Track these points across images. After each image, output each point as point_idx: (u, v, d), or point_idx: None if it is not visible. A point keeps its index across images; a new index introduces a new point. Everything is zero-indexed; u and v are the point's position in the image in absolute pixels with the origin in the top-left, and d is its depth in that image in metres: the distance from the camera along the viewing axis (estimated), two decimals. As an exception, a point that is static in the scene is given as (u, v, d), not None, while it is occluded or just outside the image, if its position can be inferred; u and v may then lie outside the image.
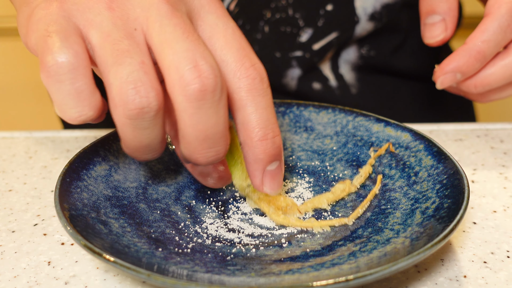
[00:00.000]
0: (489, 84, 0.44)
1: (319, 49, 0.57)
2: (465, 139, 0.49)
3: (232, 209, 0.39)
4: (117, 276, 0.34)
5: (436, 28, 0.45)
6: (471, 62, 0.42)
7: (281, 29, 0.56)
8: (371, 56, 0.60)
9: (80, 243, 0.30)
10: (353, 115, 0.44)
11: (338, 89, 0.59)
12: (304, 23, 0.56)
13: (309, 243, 0.35)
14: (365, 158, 0.42)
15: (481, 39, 0.42)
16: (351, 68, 0.60)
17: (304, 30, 0.56)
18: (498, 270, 0.34)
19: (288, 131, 0.45)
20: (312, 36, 0.57)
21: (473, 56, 0.42)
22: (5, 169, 0.46)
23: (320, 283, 0.27)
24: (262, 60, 0.56)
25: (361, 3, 0.56)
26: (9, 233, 0.38)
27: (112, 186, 0.38)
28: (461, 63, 0.42)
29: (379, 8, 0.57)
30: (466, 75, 0.43)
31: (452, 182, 0.35)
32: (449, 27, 0.45)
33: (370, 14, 0.57)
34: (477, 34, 0.42)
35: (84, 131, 0.52)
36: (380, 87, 0.61)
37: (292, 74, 0.58)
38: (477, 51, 0.42)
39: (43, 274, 0.34)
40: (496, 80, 0.44)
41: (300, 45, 0.57)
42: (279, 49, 0.57)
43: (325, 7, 0.56)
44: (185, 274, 0.30)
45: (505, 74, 0.43)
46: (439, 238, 0.30)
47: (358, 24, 0.57)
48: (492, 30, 0.42)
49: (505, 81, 0.44)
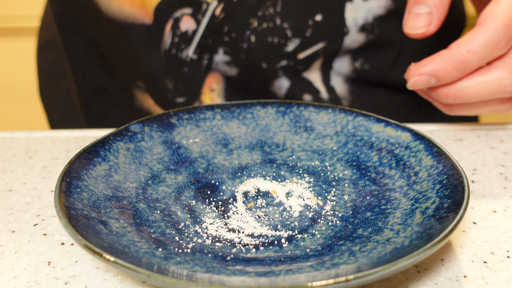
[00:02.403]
0: (461, 98, 0.41)
1: (303, 58, 0.55)
2: (465, 139, 0.49)
3: (232, 209, 0.39)
4: (117, 276, 0.34)
5: (420, 19, 0.42)
6: (450, 70, 0.40)
7: (268, 40, 0.54)
8: (365, 70, 0.58)
9: (80, 243, 0.30)
10: (353, 115, 0.44)
11: (329, 102, 0.58)
12: (292, 33, 0.54)
13: (309, 243, 0.35)
14: (365, 158, 0.42)
15: (467, 48, 0.39)
16: (344, 80, 0.58)
17: (291, 41, 0.54)
18: (498, 270, 0.34)
19: (288, 131, 0.45)
20: (299, 46, 0.55)
21: (453, 64, 0.40)
22: (5, 169, 0.46)
23: (320, 283, 0.27)
24: (247, 70, 0.56)
25: (352, 14, 0.54)
26: (9, 233, 0.38)
27: (112, 186, 0.38)
28: (439, 68, 0.40)
29: (371, 19, 0.55)
30: (441, 82, 0.41)
31: (452, 182, 0.35)
32: (434, 22, 0.41)
33: (361, 25, 0.55)
34: (464, 42, 0.40)
35: (84, 131, 0.52)
36: (373, 100, 0.60)
37: (279, 83, 0.57)
38: (460, 60, 0.39)
39: (43, 274, 0.34)
40: (470, 95, 0.41)
41: (285, 55, 0.55)
42: (265, 60, 0.55)
43: (314, 17, 0.54)
44: (185, 274, 0.30)
45: (481, 91, 0.41)
46: (439, 238, 0.30)
47: (347, 35, 0.55)
48: (481, 41, 0.39)
49: (479, 98, 0.41)
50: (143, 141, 0.42)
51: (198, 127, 0.44)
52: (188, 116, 0.44)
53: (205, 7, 0.54)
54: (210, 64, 0.56)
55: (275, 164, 0.43)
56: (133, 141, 0.41)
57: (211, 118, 0.45)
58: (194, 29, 0.55)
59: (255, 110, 0.45)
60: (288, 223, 0.37)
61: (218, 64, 0.56)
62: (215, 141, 0.44)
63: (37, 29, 0.73)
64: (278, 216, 0.38)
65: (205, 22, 0.54)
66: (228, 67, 0.56)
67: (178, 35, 0.56)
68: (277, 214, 0.38)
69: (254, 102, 0.46)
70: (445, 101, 0.42)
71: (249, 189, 0.41)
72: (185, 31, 0.55)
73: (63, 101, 0.68)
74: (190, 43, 0.56)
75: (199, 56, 0.56)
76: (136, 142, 0.41)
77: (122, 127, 0.42)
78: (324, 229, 0.37)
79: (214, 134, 0.44)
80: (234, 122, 0.45)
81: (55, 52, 0.69)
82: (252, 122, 0.45)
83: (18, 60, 1.30)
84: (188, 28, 0.55)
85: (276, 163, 0.43)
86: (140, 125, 0.42)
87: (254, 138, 0.45)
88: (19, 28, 1.27)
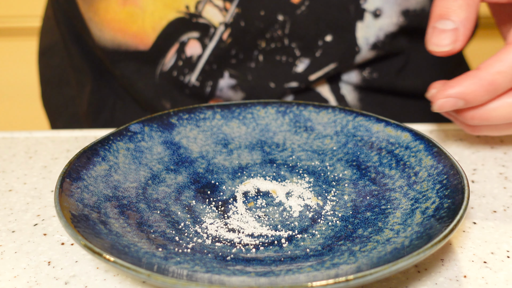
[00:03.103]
0: (488, 120, 0.39)
1: (315, 79, 0.55)
2: (465, 139, 0.49)
3: (232, 209, 0.39)
4: (117, 276, 0.34)
5: (445, 36, 0.38)
6: (479, 93, 0.37)
7: (277, 58, 0.54)
8: (374, 78, 0.57)
9: (80, 243, 0.30)
10: (353, 115, 0.44)
11: None
12: (300, 52, 0.53)
13: (309, 243, 0.35)
14: (365, 158, 0.42)
15: (497, 69, 0.37)
16: (353, 88, 0.57)
17: (300, 60, 0.53)
18: (498, 270, 0.34)
19: (288, 131, 0.45)
20: (309, 66, 0.54)
21: (484, 86, 0.37)
22: (5, 169, 0.46)
23: (320, 283, 0.27)
24: (255, 90, 0.55)
25: (363, 34, 0.53)
26: (9, 233, 0.38)
27: (112, 186, 0.38)
28: (468, 91, 0.37)
29: (383, 37, 0.54)
30: (469, 105, 0.38)
31: (452, 182, 0.35)
32: (460, 39, 0.38)
33: (373, 43, 0.54)
34: (494, 63, 0.37)
35: (84, 131, 0.52)
36: (383, 107, 0.59)
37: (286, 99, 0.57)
38: (490, 81, 0.37)
39: (43, 274, 0.34)
40: (497, 117, 0.39)
41: (296, 76, 0.54)
42: (274, 79, 0.55)
43: (324, 38, 0.53)
44: (185, 274, 0.30)
45: (509, 113, 0.39)
46: (439, 238, 0.30)
47: (358, 54, 0.54)
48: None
49: (506, 120, 0.39)
50: (143, 141, 0.42)
51: (198, 127, 0.44)
52: (188, 116, 0.44)
53: (213, 31, 0.53)
54: (213, 91, 0.56)
55: (275, 164, 0.43)
56: (133, 141, 0.41)
57: (211, 118, 0.45)
58: (200, 54, 0.54)
59: (255, 110, 0.45)
60: (288, 223, 0.37)
61: (223, 89, 0.56)
62: (215, 141, 0.44)
63: (38, 29, 0.73)
64: (278, 216, 0.38)
65: (212, 46, 0.54)
66: (234, 92, 0.56)
67: (182, 59, 0.55)
68: (277, 214, 0.38)
69: (254, 102, 0.46)
70: (471, 123, 0.40)
71: (249, 189, 0.41)
72: (190, 56, 0.55)
73: (66, 108, 0.66)
74: (194, 69, 0.55)
75: (202, 83, 0.56)
76: (136, 142, 0.41)
77: (122, 127, 0.42)
78: (324, 229, 0.37)
79: (214, 134, 0.44)
80: (234, 122, 0.45)
81: (57, 57, 0.67)
82: (252, 122, 0.45)
83: (19, 60, 1.30)
84: (193, 53, 0.55)
85: (276, 163, 0.43)
86: (140, 125, 0.42)
87: (254, 138, 0.45)
88: (19, 28, 1.27)
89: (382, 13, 0.53)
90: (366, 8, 0.53)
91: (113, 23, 0.55)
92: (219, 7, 0.52)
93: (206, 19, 0.53)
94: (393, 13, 0.53)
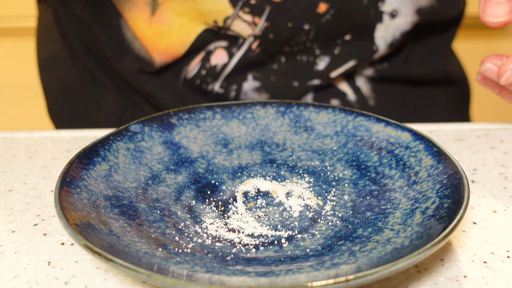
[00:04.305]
0: None
1: (336, 76, 0.56)
2: (465, 139, 0.49)
3: (232, 209, 0.39)
4: (117, 276, 0.34)
5: (500, 7, 0.41)
6: None
7: (298, 58, 0.56)
8: (385, 68, 0.59)
9: (80, 243, 0.30)
10: (353, 115, 0.44)
11: (357, 103, 0.59)
12: (320, 51, 0.55)
13: (309, 243, 0.35)
14: (365, 158, 0.42)
15: None
16: (366, 80, 0.59)
17: (320, 58, 0.55)
18: (498, 270, 0.34)
19: (288, 131, 0.45)
20: (330, 64, 0.56)
21: None
22: (5, 169, 0.46)
23: (320, 283, 0.27)
24: (279, 90, 0.56)
25: (381, 34, 0.55)
26: (9, 233, 0.38)
27: (112, 186, 0.38)
28: None
29: (399, 36, 0.56)
30: None
31: (452, 182, 0.35)
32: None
33: (390, 43, 0.56)
34: None
35: (84, 131, 0.52)
36: (393, 95, 0.61)
37: (306, 98, 0.58)
38: None
39: (43, 274, 0.34)
40: None
41: (318, 73, 0.56)
42: (297, 78, 0.56)
43: (343, 37, 0.55)
44: (185, 274, 0.30)
45: None
46: (439, 238, 0.30)
47: (376, 53, 0.56)
48: None
49: None
50: (143, 141, 0.42)
51: (198, 127, 0.44)
52: (188, 116, 0.44)
53: (242, 41, 0.54)
54: (238, 95, 0.57)
55: (275, 164, 0.43)
56: (133, 141, 0.41)
57: (211, 118, 0.45)
58: (225, 62, 0.55)
59: (255, 110, 0.45)
60: (288, 223, 0.37)
61: (247, 93, 0.57)
62: (215, 141, 0.44)
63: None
64: (278, 216, 0.38)
65: (239, 55, 0.55)
66: (258, 94, 0.57)
67: (206, 68, 0.56)
68: (277, 214, 0.38)
69: (254, 102, 0.46)
70: None
71: (249, 189, 0.41)
72: (214, 66, 0.55)
73: (78, 120, 0.65)
74: (217, 78, 0.56)
75: (226, 89, 0.56)
76: (136, 142, 0.41)
77: (122, 127, 0.42)
78: (324, 229, 0.37)
79: (214, 134, 0.44)
80: (234, 122, 0.45)
81: (61, 68, 0.65)
82: (252, 122, 0.45)
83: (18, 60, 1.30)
84: (218, 62, 0.55)
85: (276, 163, 0.43)
86: (140, 125, 0.42)
87: (254, 138, 0.45)
88: (19, 28, 1.26)
89: (398, 13, 0.55)
90: (384, 10, 0.54)
91: (141, 41, 0.56)
92: (248, 22, 0.53)
93: (235, 32, 0.53)
94: (408, 12, 0.55)
